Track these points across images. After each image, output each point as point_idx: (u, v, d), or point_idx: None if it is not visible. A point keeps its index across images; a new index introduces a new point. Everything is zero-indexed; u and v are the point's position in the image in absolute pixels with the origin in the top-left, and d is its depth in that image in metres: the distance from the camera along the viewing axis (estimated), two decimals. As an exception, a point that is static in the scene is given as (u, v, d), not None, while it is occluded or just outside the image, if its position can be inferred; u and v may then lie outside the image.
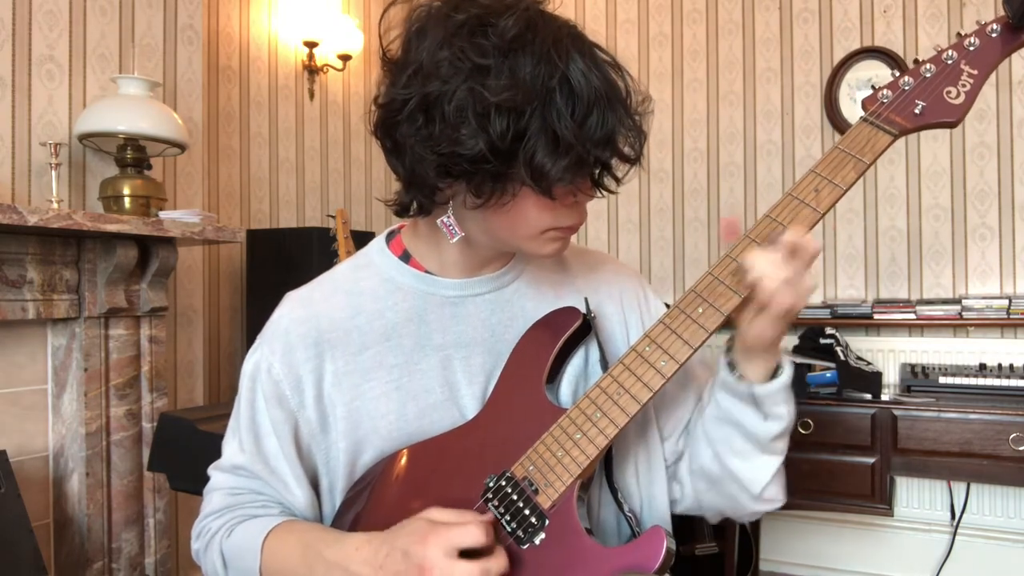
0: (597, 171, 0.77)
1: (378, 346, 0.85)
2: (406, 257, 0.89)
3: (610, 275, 0.97)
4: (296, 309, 0.87)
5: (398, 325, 0.85)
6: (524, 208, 0.76)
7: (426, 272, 0.87)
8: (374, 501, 0.83)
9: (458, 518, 0.72)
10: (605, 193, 0.81)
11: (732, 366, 0.81)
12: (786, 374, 0.80)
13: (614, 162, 0.76)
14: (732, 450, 0.84)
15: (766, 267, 0.72)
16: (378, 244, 0.91)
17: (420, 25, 0.75)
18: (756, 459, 0.83)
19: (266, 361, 0.85)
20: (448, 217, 0.81)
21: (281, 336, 0.85)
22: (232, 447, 0.88)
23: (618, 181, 0.78)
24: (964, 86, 0.78)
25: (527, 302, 0.89)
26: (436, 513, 0.73)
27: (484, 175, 0.72)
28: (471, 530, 0.69)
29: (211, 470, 0.90)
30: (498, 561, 0.70)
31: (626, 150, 0.75)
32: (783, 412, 0.80)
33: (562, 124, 0.69)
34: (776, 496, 0.87)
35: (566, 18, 0.76)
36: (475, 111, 0.69)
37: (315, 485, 0.87)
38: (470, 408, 0.84)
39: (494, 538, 0.72)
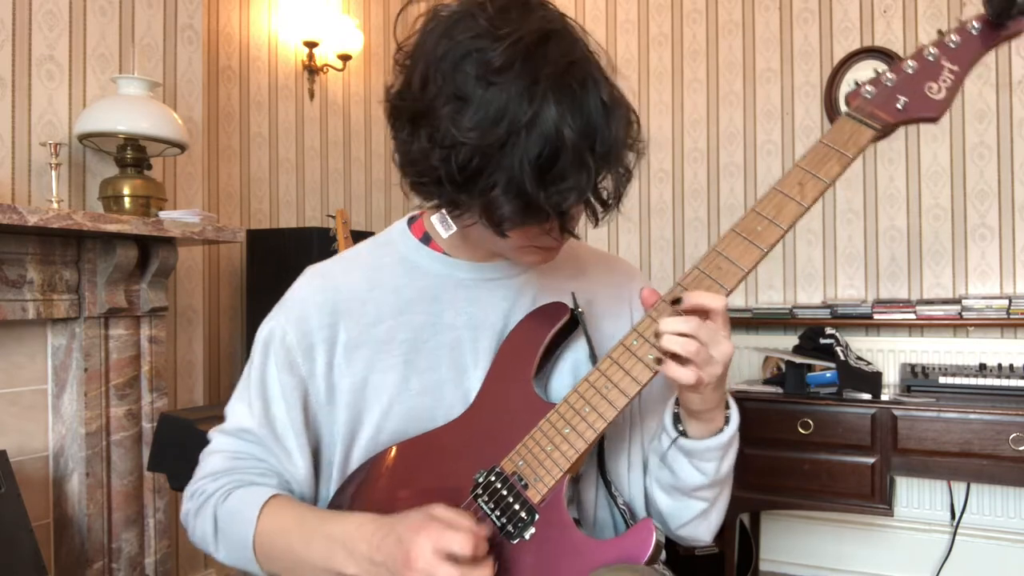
0: (560, 217, 0.74)
1: (391, 320, 0.86)
2: (426, 239, 0.90)
3: (623, 277, 0.98)
4: (315, 280, 0.89)
5: (412, 302, 0.87)
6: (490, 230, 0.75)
7: (444, 254, 0.89)
8: (365, 495, 0.84)
9: (455, 520, 0.71)
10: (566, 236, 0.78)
11: (677, 417, 0.83)
12: (724, 435, 0.81)
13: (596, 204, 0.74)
14: (659, 484, 0.87)
15: (671, 343, 0.71)
16: (400, 226, 0.93)
17: (430, 28, 0.74)
18: (679, 500, 0.86)
19: (280, 328, 0.86)
20: (442, 212, 0.83)
21: (298, 304, 0.87)
22: (240, 411, 0.89)
23: (596, 222, 0.75)
24: (945, 82, 0.79)
25: (539, 292, 0.90)
26: (438, 510, 0.73)
27: (447, 197, 0.73)
28: (461, 539, 0.69)
29: (213, 433, 0.91)
30: (481, 572, 0.70)
31: (596, 198, 0.72)
32: (711, 468, 0.82)
33: (521, 170, 0.67)
34: (698, 537, 0.89)
35: (572, 44, 0.72)
36: (442, 143, 0.69)
37: (316, 458, 0.88)
38: (474, 390, 0.85)
39: (486, 550, 0.71)
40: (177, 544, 2.23)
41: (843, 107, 2.74)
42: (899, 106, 0.79)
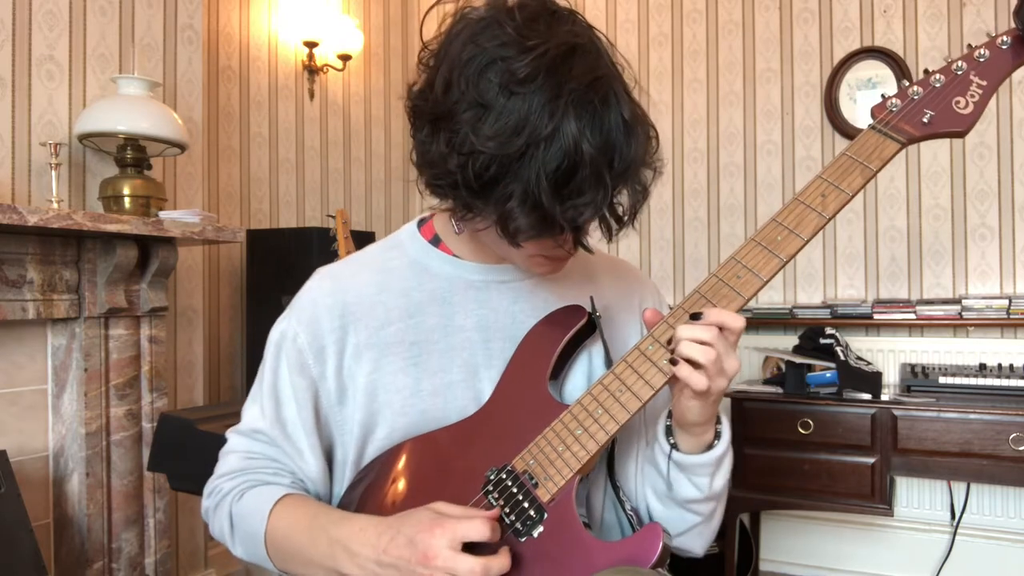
0: (575, 231, 0.75)
1: (401, 323, 0.86)
2: (436, 241, 0.90)
3: (633, 284, 0.98)
4: (325, 282, 0.90)
5: (422, 304, 0.87)
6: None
7: (454, 256, 0.89)
8: (377, 488, 0.84)
9: (464, 513, 0.73)
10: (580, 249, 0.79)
11: (670, 430, 0.83)
12: (715, 451, 0.81)
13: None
14: (655, 493, 0.87)
15: (689, 349, 0.72)
16: (409, 228, 0.93)
17: (457, 31, 0.74)
18: (674, 510, 0.86)
19: (292, 330, 0.87)
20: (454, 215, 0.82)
21: (308, 307, 0.88)
22: (253, 412, 0.90)
23: (610, 238, 0.75)
24: (973, 96, 0.79)
25: (550, 295, 0.90)
26: (443, 507, 0.74)
27: (462, 201, 0.74)
28: (477, 524, 0.70)
29: (229, 433, 0.93)
30: (500, 560, 0.71)
31: (611, 214, 0.72)
32: (704, 484, 0.82)
33: (538, 183, 0.68)
34: (691, 549, 0.89)
35: (596, 59, 0.71)
36: (460, 149, 0.70)
37: (330, 459, 0.89)
38: (486, 391, 0.85)
39: (499, 536, 0.72)
40: (177, 544, 2.23)
41: (843, 107, 2.76)
42: (925, 120, 0.79)
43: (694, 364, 0.72)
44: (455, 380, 0.85)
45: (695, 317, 0.74)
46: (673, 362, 0.73)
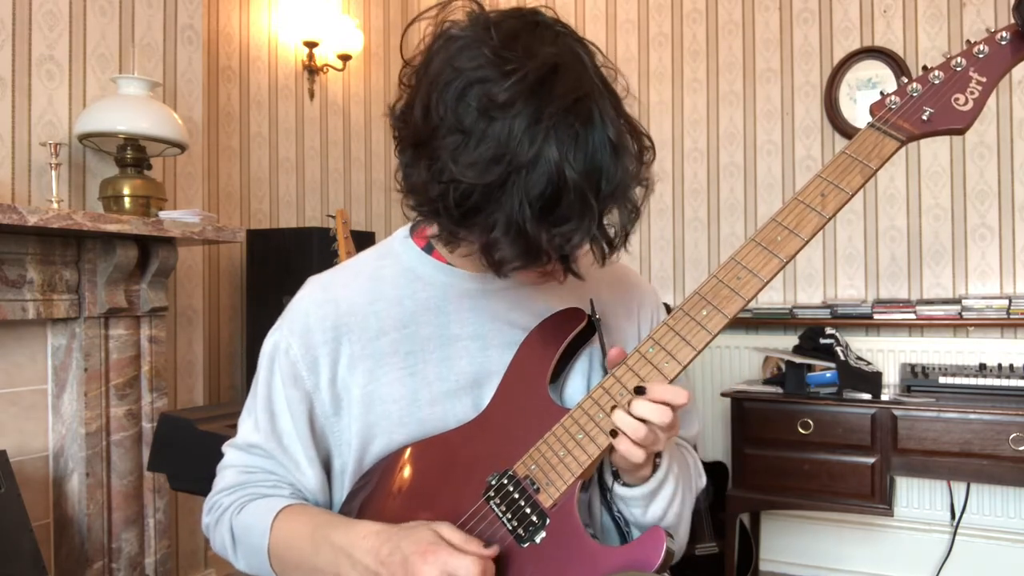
0: (562, 260, 0.73)
1: (395, 333, 0.85)
2: (429, 248, 0.89)
3: (631, 288, 0.97)
4: (316, 292, 0.88)
5: (416, 313, 0.86)
6: None
7: (447, 264, 0.88)
8: (378, 495, 0.84)
9: (463, 544, 0.71)
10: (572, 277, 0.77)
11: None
12: (646, 486, 0.80)
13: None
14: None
15: (626, 427, 0.72)
16: (401, 234, 0.92)
17: (436, 50, 0.71)
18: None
19: (284, 342, 0.86)
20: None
21: (300, 318, 0.87)
22: (248, 425, 0.89)
23: (603, 262, 0.73)
24: (972, 93, 0.78)
25: (547, 301, 0.89)
26: (446, 530, 0.73)
27: (446, 228, 0.73)
28: (468, 563, 0.68)
29: (225, 447, 0.92)
30: None
31: (602, 237, 0.70)
32: (638, 513, 0.82)
33: (522, 211, 0.66)
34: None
35: (579, 76, 0.68)
36: (439, 177, 0.68)
37: (328, 468, 0.88)
38: (485, 399, 0.85)
39: (492, 574, 0.71)
40: (177, 544, 2.23)
41: (843, 107, 2.76)
42: (924, 117, 0.78)
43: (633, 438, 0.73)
44: (453, 389, 0.84)
45: (639, 391, 0.74)
46: (613, 433, 0.73)
